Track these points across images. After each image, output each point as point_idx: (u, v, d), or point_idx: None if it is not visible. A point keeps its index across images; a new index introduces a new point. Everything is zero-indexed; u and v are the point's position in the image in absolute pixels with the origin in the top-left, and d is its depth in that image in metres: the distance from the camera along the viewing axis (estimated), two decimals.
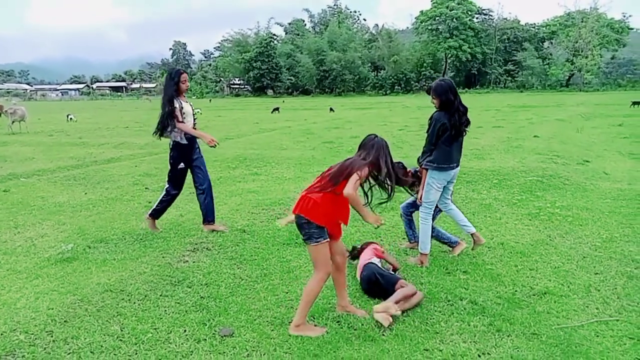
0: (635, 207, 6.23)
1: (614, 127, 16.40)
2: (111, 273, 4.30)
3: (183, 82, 5.09)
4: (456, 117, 4.19)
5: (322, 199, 3.17)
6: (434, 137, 4.23)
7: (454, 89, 4.23)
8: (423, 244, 4.41)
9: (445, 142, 4.24)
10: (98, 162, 11.10)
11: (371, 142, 3.34)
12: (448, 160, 4.29)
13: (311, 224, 3.16)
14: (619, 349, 2.99)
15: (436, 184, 4.34)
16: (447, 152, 4.27)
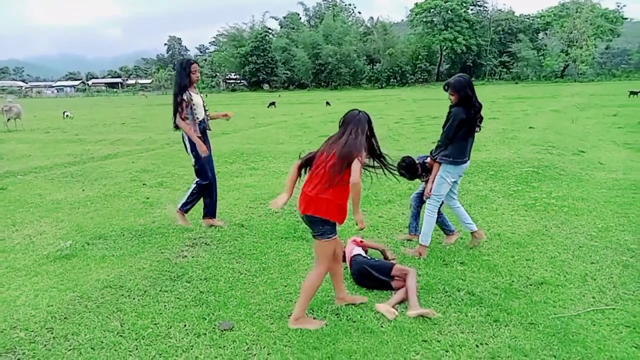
0: (630, 196, 6.27)
1: (608, 117, 16.45)
2: (110, 269, 4.31)
3: (194, 72, 4.98)
4: (472, 112, 4.25)
5: (334, 195, 3.12)
6: (452, 131, 4.26)
7: (472, 85, 4.30)
8: (425, 236, 4.44)
9: (462, 137, 4.30)
10: (95, 159, 11.07)
11: (357, 118, 3.24)
12: (462, 154, 4.36)
13: (326, 222, 3.15)
14: (616, 338, 3.02)
15: (449, 177, 4.39)
16: (462, 146, 4.34)
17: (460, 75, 4.40)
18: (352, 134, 3.16)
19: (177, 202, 5.65)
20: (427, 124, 16.20)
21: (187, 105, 4.98)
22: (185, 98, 4.95)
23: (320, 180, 3.14)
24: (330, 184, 3.09)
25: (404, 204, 6.25)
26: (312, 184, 3.20)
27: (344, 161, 3.08)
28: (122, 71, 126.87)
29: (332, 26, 73.18)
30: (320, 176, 3.16)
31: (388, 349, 2.97)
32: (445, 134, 4.33)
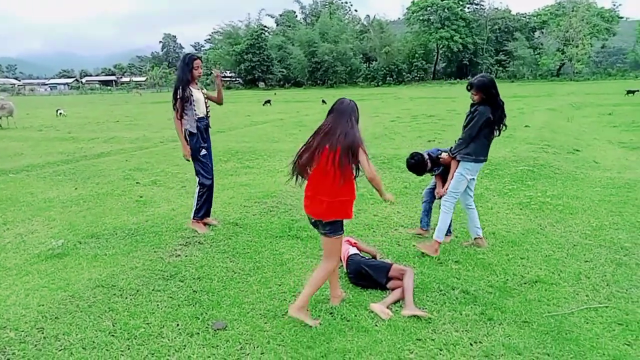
0: (625, 195, 6.28)
1: (604, 116, 16.52)
2: (102, 268, 4.28)
3: (196, 68, 4.88)
4: (499, 112, 4.27)
5: (348, 193, 3.15)
6: (476, 129, 4.25)
7: (495, 84, 4.28)
8: (440, 232, 4.42)
9: (485, 136, 4.30)
10: (88, 157, 10.99)
11: (350, 106, 3.22)
12: (483, 153, 4.37)
13: (340, 220, 3.21)
14: (608, 335, 3.02)
15: (468, 175, 4.39)
16: (484, 145, 4.34)
17: (483, 76, 4.40)
18: (349, 124, 3.13)
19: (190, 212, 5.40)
20: (422, 122, 16.20)
21: (187, 101, 4.86)
22: (186, 94, 4.83)
23: (333, 183, 3.09)
24: (343, 181, 3.08)
25: (399, 203, 6.24)
26: (324, 188, 3.15)
27: (348, 154, 3.06)
28: (116, 69, 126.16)
29: (329, 24, 73.03)
30: (331, 178, 3.10)
31: (382, 347, 2.95)
32: (468, 131, 4.30)
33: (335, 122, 3.17)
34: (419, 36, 70.63)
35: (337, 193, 3.12)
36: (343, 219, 3.24)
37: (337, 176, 3.07)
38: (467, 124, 4.33)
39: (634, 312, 3.28)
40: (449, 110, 20.75)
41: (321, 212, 3.18)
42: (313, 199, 3.23)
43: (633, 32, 68.26)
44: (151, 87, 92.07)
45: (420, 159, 4.68)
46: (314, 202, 3.22)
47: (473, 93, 4.28)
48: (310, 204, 3.26)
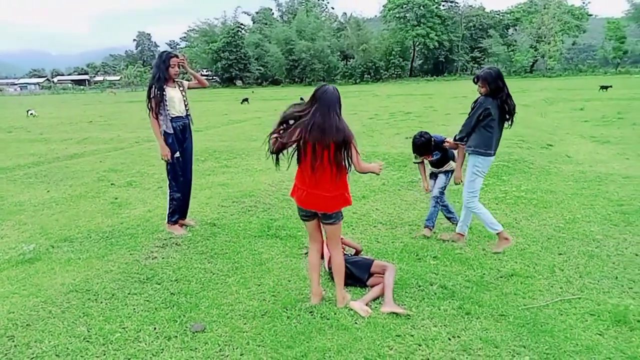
0: (596, 188, 6.45)
1: (575, 111, 16.92)
2: (76, 273, 4.17)
3: (172, 66, 4.73)
4: (503, 104, 4.19)
5: (345, 186, 3.27)
6: (474, 119, 4.20)
7: (502, 77, 4.21)
8: (493, 225, 4.38)
9: (487, 127, 4.22)
10: (61, 159, 10.72)
11: (335, 96, 3.16)
12: (490, 146, 4.27)
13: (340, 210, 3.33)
14: (581, 326, 3.10)
15: (481, 171, 4.33)
16: (488, 137, 4.24)
17: (490, 68, 4.32)
18: (336, 117, 3.11)
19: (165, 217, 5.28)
20: (400, 119, 16.32)
21: (160, 101, 4.70)
22: (157, 93, 4.66)
23: (331, 178, 3.17)
24: (340, 175, 3.18)
25: (377, 200, 6.27)
26: (323, 184, 3.18)
27: (342, 151, 3.10)
28: (89, 68, 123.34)
29: (305, 21, 72.86)
30: (329, 173, 3.15)
31: (362, 345, 2.96)
32: (466, 120, 4.27)
33: (322, 114, 3.09)
34: (395, 33, 71.06)
35: (337, 187, 3.22)
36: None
37: (334, 172, 3.15)
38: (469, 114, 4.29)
39: (605, 302, 3.37)
40: (426, 107, 20.96)
41: (325, 206, 3.25)
42: (312, 194, 3.24)
43: (602, 30, 70.07)
44: (125, 86, 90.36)
45: (429, 139, 4.64)
46: (314, 197, 3.24)
47: (480, 85, 4.23)
48: (309, 199, 3.26)
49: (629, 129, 11.93)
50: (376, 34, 73.52)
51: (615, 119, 14.02)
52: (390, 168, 8.29)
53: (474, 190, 4.38)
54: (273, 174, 8.00)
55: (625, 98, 21.12)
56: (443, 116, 16.88)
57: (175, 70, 4.82)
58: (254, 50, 74.28)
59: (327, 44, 70.29)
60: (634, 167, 7.75)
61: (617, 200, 5.80)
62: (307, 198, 3.28)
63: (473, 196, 4.39)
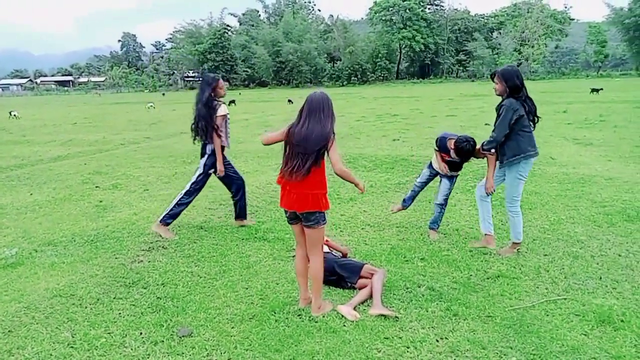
0: (580, 189, 6.55)
1: (559, 113, 17.17)
2: (60, 277, 4.10)
3: (220, 87, 4.99)
4: (529, 103, 4.09)
5: (323, 186, 3.24)
6: (506, 125, 4.03)
7: (521, 76, 4.11)
8: (517, 235, 4.31)
9: (523, 129, 4.08)
10: (44, 161, 10.55)
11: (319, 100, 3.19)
12: (530, 146, 4.12)
13: (321, 212, 3.27)
14: (567, 326, 3.13)
15: (524, 175, 4.20)
16: (528, 137, 4.10)
17: (510, 65, 4.22)
18: (320, 122, 3.14)
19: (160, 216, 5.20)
20: (387, 121, 16.40)
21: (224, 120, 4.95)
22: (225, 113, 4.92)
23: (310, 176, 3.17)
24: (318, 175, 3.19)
25: (365, 202, 6.29)
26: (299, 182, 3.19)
27: (318, 153, 3.13)
28: (73, 69, 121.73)
29: (292, 23, 72.92)
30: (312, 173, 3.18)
31: (350, 348, 2.96)
32: (498, 129, 4.07)
33: (309, 124, 3.14)
34: (382, 36, 71.53)
35: (313, 186, 3.19)
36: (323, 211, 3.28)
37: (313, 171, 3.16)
38: (496, 121, 4.14)
39: (589, 302, 3.42)
40: (412, 109, 21.10)
41: (300, 204, 3.21)
42: (289, 192, 3.26)
43: (583, 34, 71.46)
44: (111, 87, 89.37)
45: (474, 145, 4.41)
46: (291, 195, 3.25)
47: (495, 82, 4.13)
48: (287, 197, 3.28)
49: (611, 132, 12.15)
50: (363, 37, 73.95)
51: (598, 121, 14.26)
52: (378, 170, 8.32)
53: (517, 194, 4.28)
54: (260, 176, 7.97)
55: (607, 101, 21.52)
56: (429, 118, 17.01)
57: (224, 92, 5.05)
58: (240, 51, 74.14)
59: (314, 46, 70.44)
60: (616, 169, 7.88)
61: (600, 202, 5.90)
62: (285, 196, 3.30)
63: (516, 200, 4.29)
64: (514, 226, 4.33)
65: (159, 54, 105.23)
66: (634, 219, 5.18)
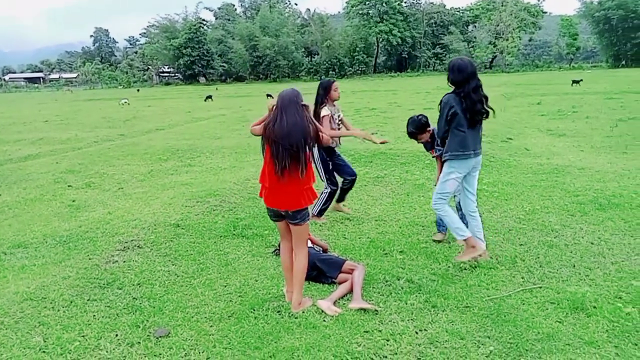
0: (553, 180, 6.68)
1: (533, 105, 17.49)
2: (31, 280, 3.98)
3: (334, 90, 5.12)
4: (468, 102, 3.77)
5: (309, 180, 3.25)
6: (443, 122, 3.85)
7: (468, 70, 3.78)
8: (457, 232, 4.00)
9: (458, 127, 3.82)
10: (13, 160, 10.23)
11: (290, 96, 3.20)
12: (467, 146, 3.84)
13: (305, 208, 3.27)
14: (542, 314, 3.19)
15: (455, 174, 3.94)
16: (463, 137, 3.83)
17: (461, 58, 3.97)
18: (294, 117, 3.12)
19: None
20: (365, 115, 16.43)
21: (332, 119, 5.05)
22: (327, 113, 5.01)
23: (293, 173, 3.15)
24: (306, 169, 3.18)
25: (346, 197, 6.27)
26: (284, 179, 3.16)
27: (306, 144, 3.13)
28: (44, 65, 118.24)
29: (269, 17, 72.19)
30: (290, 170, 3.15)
31: (330, 343, 2.95)
32: (438, 126, 3.97)
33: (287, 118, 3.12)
34: (359, 30, 71.47)
35: (301, 182, 3.19)
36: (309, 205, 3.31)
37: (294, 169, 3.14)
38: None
39: (563, 290, 3.49)
40: (390, 102, 21.19)
41: (288, 203, 3.21)
42: (275, 190, 3.24)
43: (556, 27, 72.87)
44: (83, 84, 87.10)
45: (426, 122, 4.31)
46: (278, 194, 3.23)
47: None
48: (273, 196, 3.26)
49: (583, 122, 12.43)
50: (340, 30, 73.78)
51: (570, 112, 14.57)
52: (357, 164, 8.31)
53: (444, 192, 4.00)
54: (238, 172, 7.89)
55: (579, 92, 22.00)
56: (407, 111, 17.09)
57: (338, 94, 5.18)
58: (217, 46, 73.09)
59: (292, 40, 69.94)
60: (588, 159, 8.07)
61: (574, 191, 6.03)
62: (271, 195, 3.26)
63: (442, 198, 4.02)
64: (449, 224, 4.05)
65: (132, 49, 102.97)
66: (606, 208, 5.31)
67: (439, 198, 4.04)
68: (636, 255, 4.05)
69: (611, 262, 3.95)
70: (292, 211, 3.23)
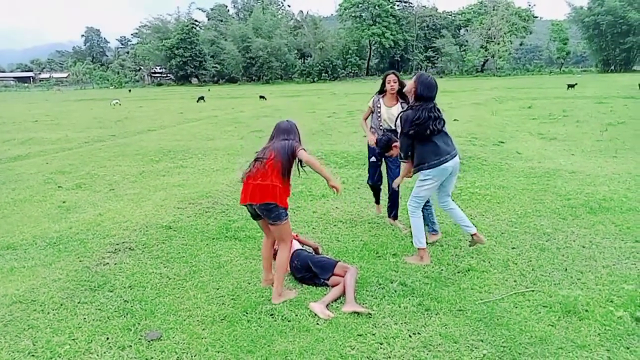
0: (545, 183, 6.73)
1: (524, 109, 17.62)
2: (20, 282, 3.92)
3: (388, 82, 5.04)
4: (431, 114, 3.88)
5: (282, 183, 3.45)
6: (405, 139, 3.99)
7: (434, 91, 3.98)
8: (417, 238, 4.13)
9: (424, 139, 3.92)
10: (3, 161, 10.10)
11: (291, 126, 3.66)
12: (437, 153, 3.91)
13: (279, 207, 3.44)
14: (535, 318, 3.20)
15: (430, 181, 4.00)
16: (432, 145, 3.92)
17: (429, 75, 4.10)
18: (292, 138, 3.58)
19: None
20: (358, 117, 16.41)
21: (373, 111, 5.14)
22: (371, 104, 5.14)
23: (268, 172, 3.43)
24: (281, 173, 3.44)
25: (337, 199, 6.27)
26: (259, 176, 3.44)
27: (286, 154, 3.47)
28: (34, 64, 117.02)
29: (262, 19, 72.17)
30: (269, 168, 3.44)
31: (324, 346, 2.93)
32: (401, 144, 4.08)
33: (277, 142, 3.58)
34: (352, 32, 71.72)
35: (267, 176, 3.42)
36: (279, 205, 3.43)
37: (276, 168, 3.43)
38: None
39: (556, 294, 3.50)
40: None
41: (254, 195, 3.43)
42: (246, 185, 3.51)
43: (546, 31, 73.59)
44: (74, 83, 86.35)
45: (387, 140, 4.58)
46: (247, 187, 3.49)
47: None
48: (244, 191, 3.52)
49: (574, 126, 12.55)
50: (333, 33, 73.89)
51: (561, 116, 14.70)
52: (350, 167, 8.33)
53: (419, 196, 4.11)
54: (230, 174, 7.85)
55: (569, 97, 22.22)
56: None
57: (391, 86, 5.03)
58: (209, 47, 72.89)
59: (284, 42, 69.96)
60: (579, 162, 8.15)
61: (565, 195, 6.07)
62: (244, 191, 3.51)
63: (416, 201, 4.14)
64: (413, 229, 4.16)
65: (124, 50, 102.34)
66: (597, 211, 5.35)
67: (414, 202, 4.17)
68: (627, 259, 4.09)
69: (602, 265, 3.98)
70: (263, 205, 3.41)
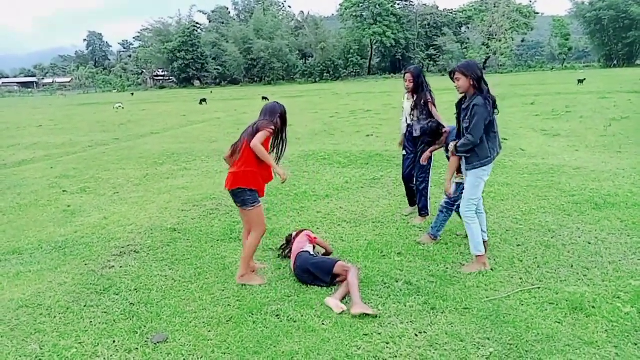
0: (549, 180, 6.70)
1: (527, 105, 17.56)
2: (26, 287, 3.94)
3: (406, 80, 5.36)
4: (489, 100, 3.68)
5: (247, 165, 3.65)
6: (481, 129, 3.66)
7: (481, 68, 3.81)
8: (476, 245, 3.92)
9: (491, 130, 3.75)
10: (8, 165, 10.15)
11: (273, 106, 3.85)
12: (493, 148, 3.81)
13: (244, 191, 3.66)
14: (541, 315, 3.19)
15: (485, 177, 3.87)
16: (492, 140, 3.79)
17: (466, 60, 3.99)
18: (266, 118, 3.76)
19: None
20: (360, 117, 16.44)
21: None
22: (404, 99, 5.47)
23: (242, 158, 3.69)
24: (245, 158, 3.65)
25: (341, 198, 6.27)
26: (234, 164, 3.77)
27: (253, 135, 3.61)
28: (37, 69, 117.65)
29: (263, 20, 72.24)
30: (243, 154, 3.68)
31: (330, 346, 2.93)
32: (474, 133, 3.66)
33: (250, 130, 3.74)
34: (353, 32, 71.69)
35: (239, 164, 3.67)
36: (247, 190, 3.67)
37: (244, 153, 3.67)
38: (469, 125, 3.71)
39: (562, 291, 3.49)
40: (384, 104, 21.21)
41: (227, 182, 3.74)
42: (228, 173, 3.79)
43: (548, 27, 73.37)
44: (77, 88, 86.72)
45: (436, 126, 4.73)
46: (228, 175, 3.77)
47: (457, 79, 3.80)
48: (226, 177, 3.80)
49: (577, 122, 12.49)
50: (334, 33, 73.90)
51: (564, 112, 14.64)
52: (353, 166, 8.32)
53: (475, 197, 3.90)
54: None
55: (572, 92, 22.13)
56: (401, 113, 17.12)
57: (407, 84, 5.36)
58: (211, 49, 73.05)
59: (286, 43, 69.99)
60: (583, 158, 8.11)
61: (569, 191, 6.05)
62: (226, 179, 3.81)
63: (473, 204, 3.91)
64: (472, 237, 3.93)
65: (126, 53, 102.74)
66: (602, 207, 5.33)
67: (471, 204, 3.90)
68: (633, 255, 4.07)
69: (609, 261, 3.96)
70: (230, 190, 3.73)
